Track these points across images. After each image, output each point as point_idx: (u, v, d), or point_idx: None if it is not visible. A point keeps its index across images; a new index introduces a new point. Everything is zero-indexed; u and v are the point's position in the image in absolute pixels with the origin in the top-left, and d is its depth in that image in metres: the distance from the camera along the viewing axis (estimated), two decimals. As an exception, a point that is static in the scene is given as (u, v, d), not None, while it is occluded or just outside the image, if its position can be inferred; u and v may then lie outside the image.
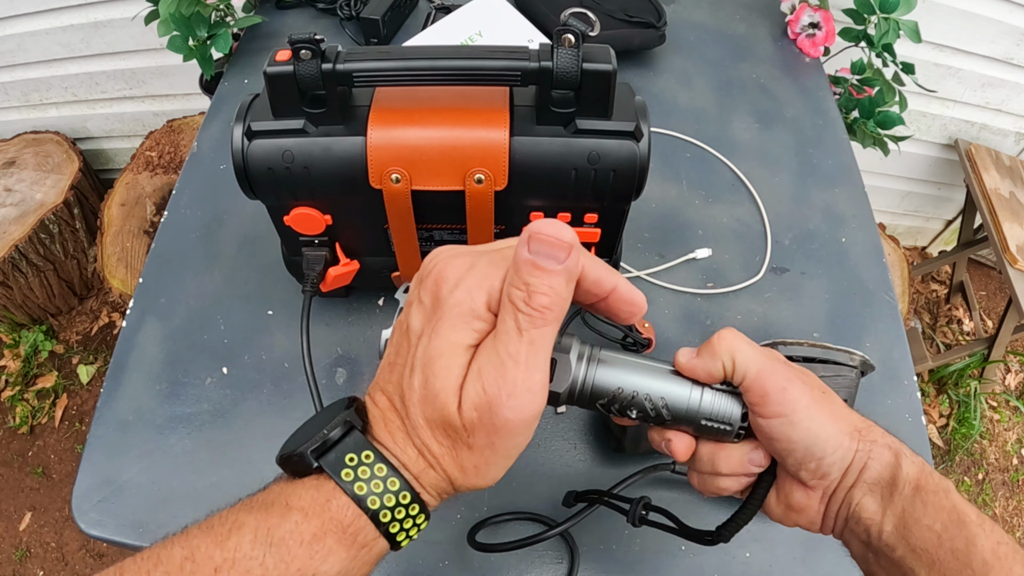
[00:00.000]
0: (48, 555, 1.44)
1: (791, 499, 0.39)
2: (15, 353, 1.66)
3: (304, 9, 1.00)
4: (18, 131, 1.64)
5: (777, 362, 0.38)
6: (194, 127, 1.55)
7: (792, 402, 0.36)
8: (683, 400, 0.39)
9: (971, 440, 1.67)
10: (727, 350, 0.37)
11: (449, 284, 0.31)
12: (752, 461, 0.39)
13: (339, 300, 0.71)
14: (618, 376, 0.39)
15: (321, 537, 0.29)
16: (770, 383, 0.36)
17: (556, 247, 0.30)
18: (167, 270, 0.74)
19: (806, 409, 0.36)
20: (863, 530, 0.36)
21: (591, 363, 0.39)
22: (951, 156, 1.63)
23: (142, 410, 0.64)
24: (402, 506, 0.31)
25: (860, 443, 0.36)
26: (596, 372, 0.39)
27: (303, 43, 0.47)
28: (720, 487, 0.41)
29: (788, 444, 0.36)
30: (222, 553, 0.28)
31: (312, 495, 0.30)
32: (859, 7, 0.98)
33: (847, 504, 0.37)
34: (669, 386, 0.39)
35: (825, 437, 0.36)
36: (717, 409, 0.39)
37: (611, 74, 0.49)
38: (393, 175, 0.52)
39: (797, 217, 0.82)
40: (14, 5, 1.38)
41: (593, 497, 0.52)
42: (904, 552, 0.34)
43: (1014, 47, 1.37)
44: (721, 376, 0.38)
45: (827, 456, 0.36)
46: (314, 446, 0.30)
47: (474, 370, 0.30)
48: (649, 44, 0.95)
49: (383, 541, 0.31)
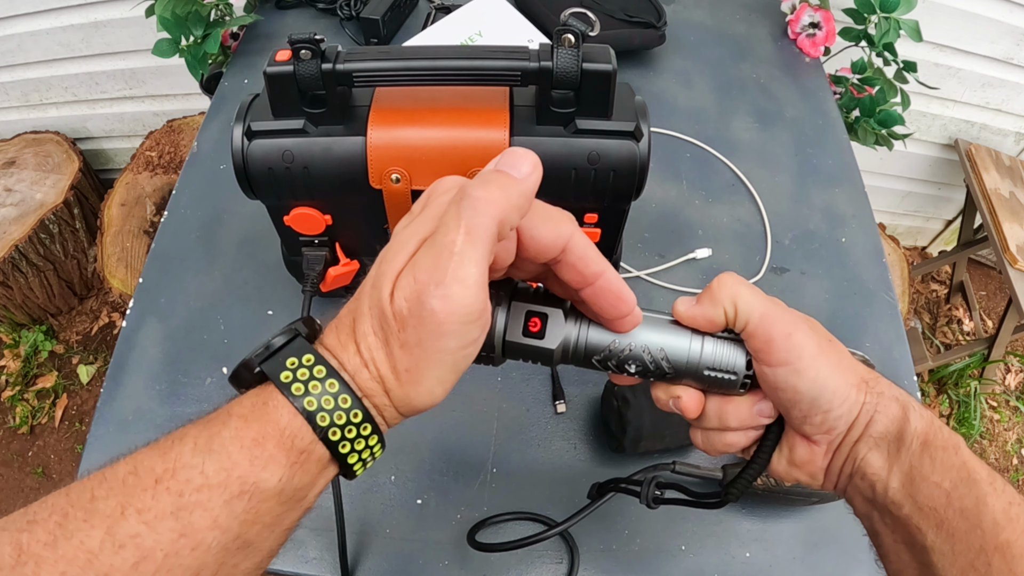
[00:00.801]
0: (48, 555, 1.44)
1: (794, 453, 0.37)
2: (15, 353, 1.66)
3: (304, 9, 1.00)
4: (18, 131, 1.64)
5: (781, 307, 0.36)
6: (194, 127, 1.55)
7: (798, 348, 0.34)
8: (683, 350, 0.37)
9: (971, 440, 1.67)
10: (728, 296, 0.35)
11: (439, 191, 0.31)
12: (761, 412, 0.37)
13: (339, 300, 0.71)
14: (610, 337, 0.37)
15: (260, 442, 0.28)
16: (775, 329, 0.34)
17: (520, 158, 0.30)
18: (167, 270, 0.74)
19: (812, 357, 0.34)
20: (868, 486, 0.35)
21: (583, 317, 0.37)
22: (951, 156, 1.63)
23: (142, 410, 0.64)
24: (353, 425, 0.29)
25: (867, 395, 0.34)
26: (590, 326, 0.37)
27: (303, 43, 0.47)
28: (728, 442, 0.38)
29: (794, 395, 0.34)
30: (163, 464, 0.28)
31: (252, 400, 0.29)
32: (859, 7, 0.98)
33: (852, 459, 0.35)
34: (668, 336, 0.37)
35: (832, 388, 0.34)
36: (720, 358, 0.36)
37: (611, 74, 0.49)
38: (393, 175, 0.52)
39: (797, 217, 0.82)
40: (14, 5, 1.38)
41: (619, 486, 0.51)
42: (911, 510, 0.33)
43: (1014, 47, 1.37)
44: (723, 323, 0.36)
45: (834, 408, 0.34)
46: (257, 352, 0.30)
47: (412, 260, 0.29)
48: (649, 44, 0.95)
49: (326, 454, 0.29)
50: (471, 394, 0.66)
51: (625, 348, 0.37)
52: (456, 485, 0.62)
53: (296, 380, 0.29)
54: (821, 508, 0.61)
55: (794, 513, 0.62)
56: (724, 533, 0.61)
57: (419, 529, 0.59)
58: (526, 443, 0.64)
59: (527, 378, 0.68)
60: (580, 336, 0.37)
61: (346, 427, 0.29)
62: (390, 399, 0.30)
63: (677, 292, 0.74)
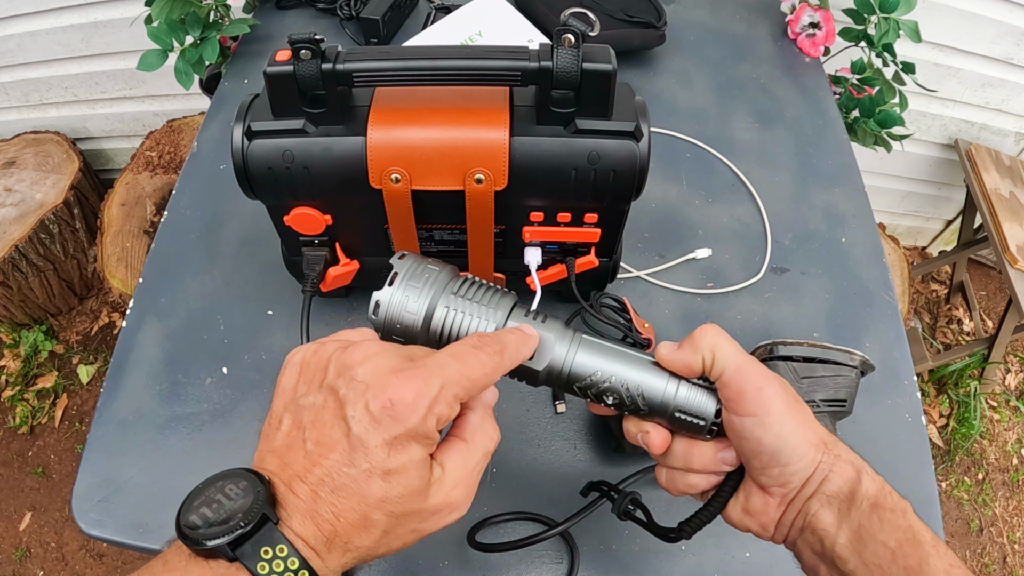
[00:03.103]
0: (48, 555, 1.44)
1: (749, 502, 0.39)
2: (15, 353, 1.66)
3: (304, 9, 1.00)
4: (18, 131, 1.64)
5: (756, 363, 0.38)
6: (194, 127, 1.55)
7: (767, 403, 0.36)
8: (659, 391, 0.39)
9: (971, 440, 1.67)
10: (708, 345, 0.38)
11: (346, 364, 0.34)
12: (724, 459, 0.39)
13: (339, 300, 0.71)
14: (597, 361, 0.39)
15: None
16: (748, 382, 0.37)
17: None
18: (167, 270, 0.74)
19: (779, 413, 0.36)
20: (817, 540, 0.37)
21: (572, 345, 0.39)
22: (951, 156, 1.63)
23: (142, 410, 0.64)
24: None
25: (825, 455, 0.37)
26: (577, 354, 0.39)
27: (303, 43, 0.47)
28: (689, 483, 0.41)
29: (757, 445, 0.37)
30: None
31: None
32: (859, 7, 0.98)
33: (804, 514, 0.37)
34: (646, 376, 0.40)
35: (793, 444, 0.36)
36: (692, 403, 0.39)
37: (611, 74, 0.49)
38: (393, 175, 0.52)
39: (797, 217, 0.82)
40: (14, 5, 1.38)
41: (604, 488, 0.53)
42: (856, 565, 0.35)
43: (1014, 47, 1.37)
44: (700, 370, 0.39)
45: (792, 463, 0.36)
46: (230, 539, 0.30)
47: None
48: (649, 44, 0.95)
49: None
50: (471, 394, 0.66)
51: (605, 381, 0.39)
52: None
53: (272, 572, 0.30)
54: (821, 508, 0.61)
55: (794, 513, 0.62)
56: (724, 533, 0.61)
57: (419, 529, 0.59)
58: (526, 443, 0.64)
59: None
60: (566, 363, 0.39)
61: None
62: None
63: (677, 292, 0.74)
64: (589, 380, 0.40)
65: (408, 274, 0.41)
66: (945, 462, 1.66)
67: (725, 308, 0.74)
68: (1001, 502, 1.62)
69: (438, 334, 0.40)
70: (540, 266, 0.62)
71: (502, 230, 0.59)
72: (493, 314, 0.39)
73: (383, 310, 0.40)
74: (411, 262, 0.41)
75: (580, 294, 0.62)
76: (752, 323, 0.73)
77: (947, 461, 1.66)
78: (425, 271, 0.41)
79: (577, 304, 0.64)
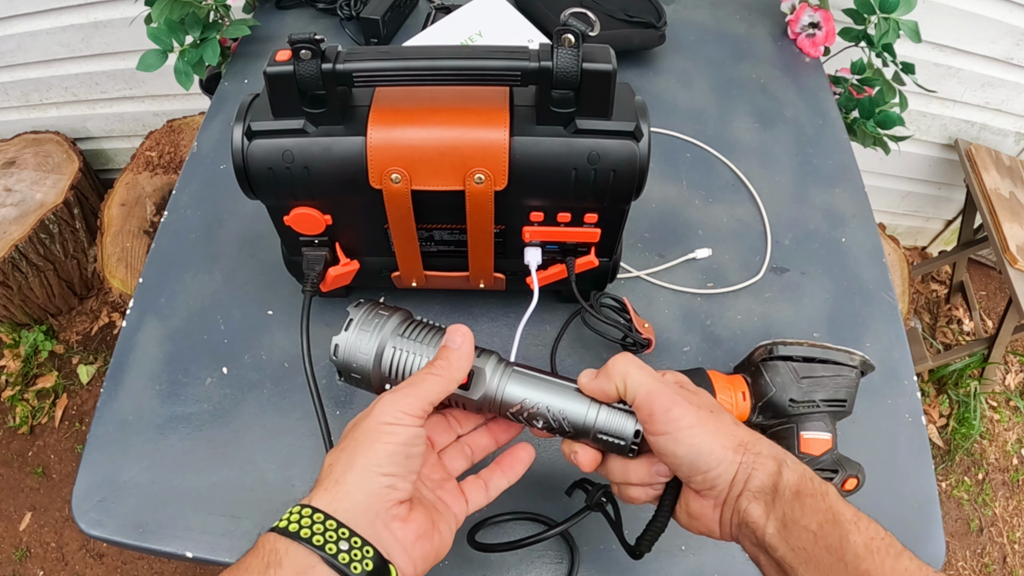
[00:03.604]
0: (48, 555, 1.44)
1: (690, 507, 0.43)
2: (15, 353, 1.66)
3: (304, 9, 1.01)
4: (18, 131, 1.64)
5: (666, 385, 0.42)
6: (194, 127, 1.55)
7: (675, 421, 0.40)
8: (581, 415, 0.45)
9: (971, 440, 1.67)
10: (620, 373, 0.42)
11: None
12: (659, 472, 0.44)
13: (339, 300, 0.71)
14: (524, 390, 0.45)
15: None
16: (656, 404, 0.41)
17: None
18: (167, 270, 0.74)
19: (689, 428, 0.40)
20: (751, 532, 0.39)
21: (504, 376, 0.45)
22: (951, 156, 1.63)
23: (142, 410, 0.64)
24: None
25: (744, 456, 0.40)
26: (507, 385, 0.45)
27: (303, 43, 0.47)
28: (632, 496, 0.45)
29: (674, 459, 0.41)
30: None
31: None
32: (859, 7, 0.98)
33: (737, 511, 0.40)
34: (569, 402, 0.45)
35: (707, 452, 0.40)
36: (611, 425, 0.44)
37: (611, 74, 0.49)
38: (393, 175, 0.52)
39: (797, 217, 0.82)
40: (14, 5, 1.38)
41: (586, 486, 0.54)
42: (784, 551, 0.38)
43: (1014, 47, 1.37)
44: (615, 396, 0.43)
45: (712, 469, 0.40)
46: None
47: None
48: (649, 44, 0.95)
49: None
50: (471, 394, 0.66)
51: (534, 407, 0.45)
52: (456, 485, 0.62)
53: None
54: (821, 508, 0.61)
55: (794, 513, 0.62)
56: (724, 533, 0.61)
57: (419, 529, 0.59)
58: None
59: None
60: (498, 392, 0.45)
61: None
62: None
63: (677, 292, 0.74)
64: (520, 407, 0.45)
65: (361, 320, 0.47)
66: (945, 462, 1.66)
67: (725, 308, 0.74)
68: (1001, 502, 1.62)
69: (388, 371, 0.46)
70: (540, 266, 0.62)
71: (502, 230, 0.59)
72: (433, 351, 0.45)
73: (341, 351, 0.47)
74: (363, 310, 0.48)
75: (580, 294, 0.62)
76: (752, 323, 0.73)
77: (947, 461, 1.66)
78: (376, 317, 0.47)
79: (577, 304, 0.64)
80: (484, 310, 0.71)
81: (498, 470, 0.48)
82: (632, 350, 0.68)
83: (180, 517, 0.59)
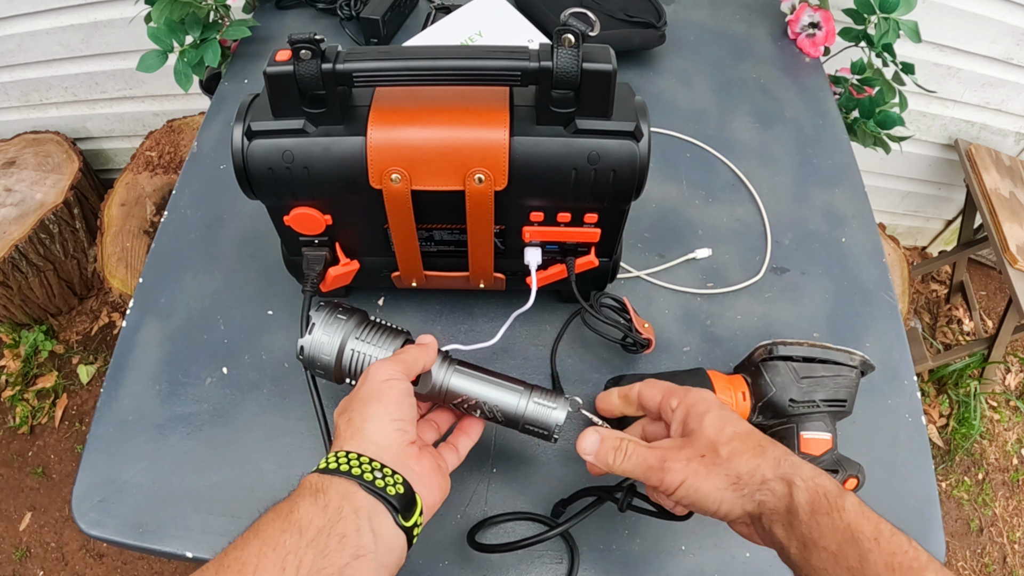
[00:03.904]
0: (48, 555, 1.44)
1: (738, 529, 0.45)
2: (15, 353, 1.66)
3: (304, 9, 1.01)
4: (18, 131, 1.64)
5: (659, 451, 0.45)
6: (194, 127, 1.55)
7: (669, 485, 0.43)
8: (512, 407, 0.52)
9: (971, 440, 1.67)
10: (623, 453, 0.46)
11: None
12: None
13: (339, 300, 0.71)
14: (464, 385, 0.52)
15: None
16: (654, 479, 0.44)
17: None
18: (167, 270, 0.74)
19: (682, 484, 0.42)
20: (780, 551, 0.41)
21: (448, 373, 0.52)
22: (951, 156, 1.63)
23: (142, 410, 0.64)
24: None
25: (745, 489, 0.41)
26: (451, 380, 0.52)
27: (303, 43, 0.47)
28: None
29: (688, 507, 0.44)
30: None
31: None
32: (859, 7, 0.98)
33: (768, 533, 0.41)
34: (502, 396, 0.52)
35: (703, 499, 0.42)
36: (537, 416, 0.51)
37: (611, 74, 0.49)
38: (393, 175, 0.52)
39: (797, 217, 0.82)
40: (14, 5, 1.38)
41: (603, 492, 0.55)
42: (809, 571, 0.38)
43: (1014, 47, 1.37)
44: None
45: (718, 510, 0.42)
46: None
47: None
48: (649, 44, 0.95)
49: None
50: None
51: (473, 399, 0.52)
52: (456, 485, 0.62)
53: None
54: (821, 508, 0.61)
55: (794, 513, 0.62)
56: (724, 533, 0.61)
57: (419, 529, 0.59)
58: (526, 443, 0.64)
59: (527, 377, 0.68)
60: (443, 386, 0.52)
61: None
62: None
63: (677, 292, 0.74)
64: (462, 399, 0.52)
65: (322, 324, 0.53)
66: (945, 462, 1.66)
67: (725, 308, 0.74)
68: (1001, 502, 1.62)
69: (348, 368, 0.53)
70: (540, 266, 0.62)
71: (502, 230, 0.59)
72: (385, 352, 0.52)
73: (307, 351, 0.53)
74: (324, 314, 0.53)
75: (580, 294, 0.62)
76: (752, 323, 0.73)
77: (947, 461, 1.66)
78: (335, 321, 0.53)
79: (577, 304, 0.64)
80: (484, 310, 0.71)
81: (462, 435, 0.54)
82: (632, 350, 0.68)
83: (180, 517, 0.59)
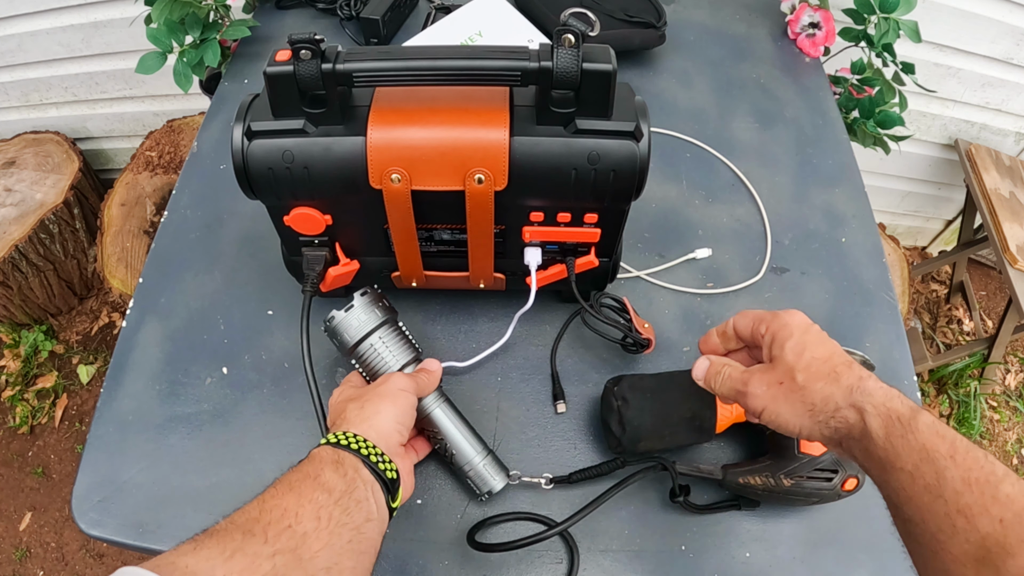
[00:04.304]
0: (48, 555, 1.44)
1: (829, 448, 0.47)
2: (15, 353, 1.66)
3: (304, 9, 1.01)
4: (18, 131, 1.64)
5: (750, 377, 0.47)
6: (194, 127, 1.55)
7: (753, 410, 0.46)
8: (466, 458, 0.58)
9: (971, 440, 1.66)
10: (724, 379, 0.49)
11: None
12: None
13: (339, 300, 0.71)
14: (442, 421, 0.58)
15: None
16: (741, 402, 0.48)
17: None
18: (167, 270, 0.74)
19: (763, 410, 0.45)
20: (865, 472, 0.43)
21: (436, 406, 0.59)
22: (951, 156, 1.63)
23: (142, 410, 0.64)
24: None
25: (820, 416, 0.43)
26: (434, 412, 0.59)
27: (303, 43, 0.47)
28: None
29: (775, 430, 0.46)
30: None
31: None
32: (859, 7, 0.98)
33: (851, 455, 0.43)
34: (464, 446, 0.58)
35: (784, 425, 0.45)
36: (480, 477, 0.58)
37: (611, 74, 0.49)
38: (393, 175, 0.52)
39: (797, 217, 0.82)
40: (14, 5, 1.38)
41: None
42: (888, 492, 0.40)
43: (1014, 47, 1.37)
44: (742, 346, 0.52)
45: (800, 432, 0.44)
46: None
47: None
48: (649, 44, 0.95)
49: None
50: (471, 394, 0.66)
51: (441, 435, 0.58)
52: (456, 485, 0.62)
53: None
54: (821, 508, 0.61)
55: (794, 513, 0.62)
56: (724, 533, 0.61)
57: (419, 529, 0.59)
58: (526, 443, 0.64)
59: (527, 378, 0.68)
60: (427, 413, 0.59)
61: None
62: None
63: (677, 292, 0.74)
64: (435, 430, 0.59)
65: (360, 309, 0.58)
66: (945, 462, 1.66)
67: (725, 308, 0.74)
68: (1001, 502, 1.62)
69: (360, 356, 0.58)
70: (540, 266, 0.62)
71: (502, 230, 0.59)
72: (397, 363, 0.58)
73: (334, 323, 0.58)
74: (366, 301, 0.58)
75: (580, 294, 0.62)
76: (752, 323, 0.72)
77: (947, 461, 1.66)
78: (371, 313, 0.58)
79: (577, 304, 0.64)
80: (484, 310, 0.71)
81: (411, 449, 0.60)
82: (632, 350, 0.68)
83: (180, 517, 0.59)
